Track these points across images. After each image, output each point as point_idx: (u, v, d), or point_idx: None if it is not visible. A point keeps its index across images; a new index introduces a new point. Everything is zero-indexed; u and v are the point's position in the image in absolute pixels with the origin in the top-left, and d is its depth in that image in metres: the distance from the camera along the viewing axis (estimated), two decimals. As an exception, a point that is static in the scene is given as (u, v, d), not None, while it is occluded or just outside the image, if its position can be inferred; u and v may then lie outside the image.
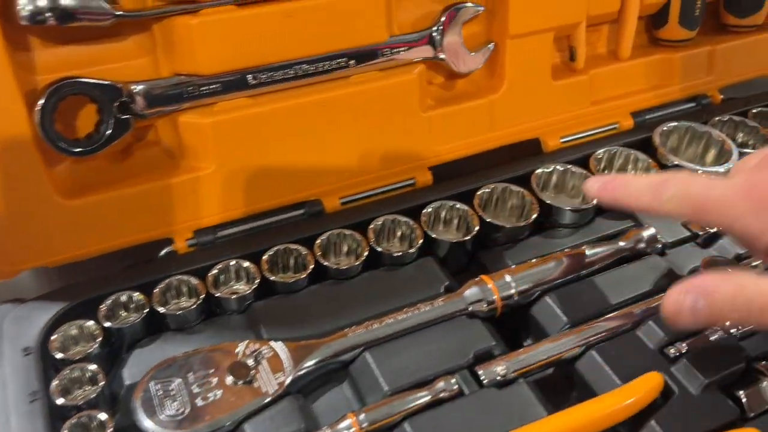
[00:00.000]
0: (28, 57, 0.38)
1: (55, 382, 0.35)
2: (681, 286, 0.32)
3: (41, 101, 0.38)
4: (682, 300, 0.31)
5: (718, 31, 0.61)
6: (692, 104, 0.59)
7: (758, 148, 0.55)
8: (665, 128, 0.55)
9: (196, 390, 0.36)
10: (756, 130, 0.56)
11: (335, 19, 0.43)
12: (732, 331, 0.41)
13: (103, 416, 0.34)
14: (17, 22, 0.36)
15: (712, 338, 0.40)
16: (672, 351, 0.40)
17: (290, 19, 0.42)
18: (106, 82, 0.39)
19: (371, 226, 0.45)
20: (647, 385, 0.38)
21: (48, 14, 0.36)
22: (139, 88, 0.40)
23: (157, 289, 0.40)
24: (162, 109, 0.41)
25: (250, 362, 0.37)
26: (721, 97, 0.61)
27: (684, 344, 0.40)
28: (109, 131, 0.40)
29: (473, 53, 0.50)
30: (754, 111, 0.58)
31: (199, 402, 0.35)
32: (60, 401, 0.35)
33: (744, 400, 0.38)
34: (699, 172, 0.51)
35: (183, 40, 0.40)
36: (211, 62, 0.41)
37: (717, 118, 0.56)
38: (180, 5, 0.40)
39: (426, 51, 0.48)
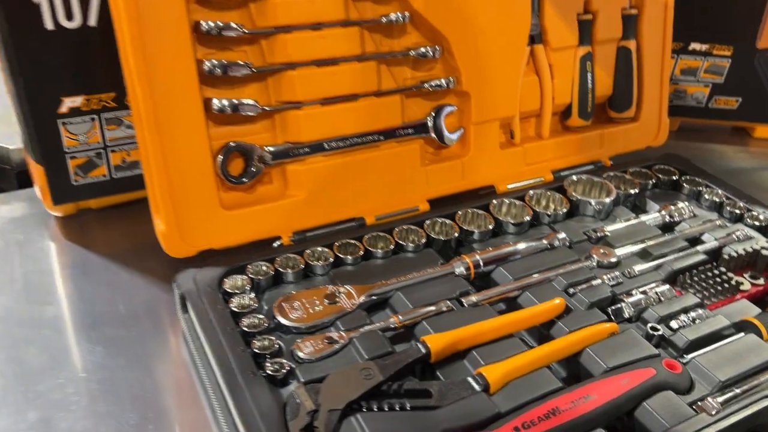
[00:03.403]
0: (214, 130, 0.70)
1: (232, 302, 0.64)
2: None
3: (220, 155, 0.69)
4: None
5: (606, 121, 0.96)
6: (591, 166, 0.93)
7: (629, 192, 0.87)
8: (572, 179, 0.87)
9: (307, 306, 0.65)
10: (630, 181, 0.89)
11: (372, 114, 0.76)
12: (606, 281, 0.71)
13: (261, 318, 0.63)
14: (211, 111, 0.68)
15: (594, 283, 0.71)
16: (571, 290, 0.70)
17: (349, 112, 0.75)
18: (251, 145, 0.71)
19: (395, 230, 0.76)
20: (555, 304, 0.67)
21: (227, 108, 0.69)
22: (268, 149, 0.72)
23: (277, 260, 0.70)
24: (278, 162, 0.73)
25: (335, 294, 0.66)
26: (611, 162, 0.94)
27: (579, 287, 0.70)
28: (251, 171, 0.71)
29: (452, 133, 0.83)
30: (630, 170, 0.92)
31: (311, 311, 0.64)
32: (237, 309, 0.63)
33: (611, 313, 0.68)
34: (592, 202, 0.83)
35: (292, 124, 0.73)
36: (306, 136, 0.73)
37: (605, 173, 0.89)
38: (291, 103, 0.72)
39: (423, 131, 0.82)
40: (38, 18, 0.68)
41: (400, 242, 0.75)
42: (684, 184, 0.89)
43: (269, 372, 0.57)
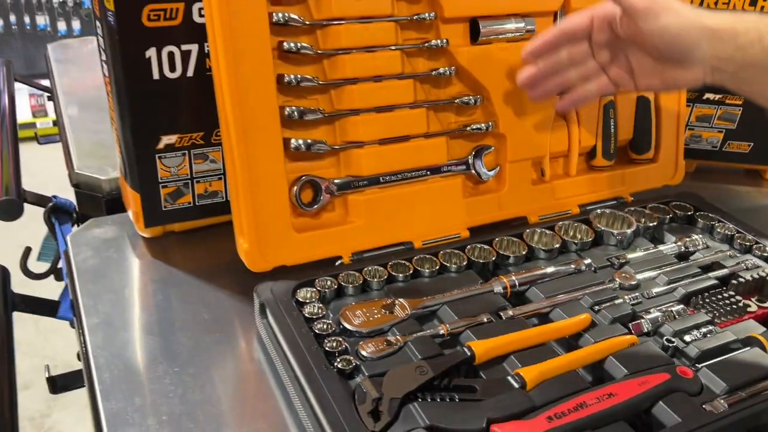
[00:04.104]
0: (290, 165, 0.82)
1: (304, 310, 0.75)
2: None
3: (295, 186, 0.81)
4: None
5: (627, 161, 1.07)
6: (614, 201, 1.03)
7: (648, 225, 0.97)
8: (597, 212, 0.98)
9: (368, 314, 0.75)
10: (649, 215, 0.99)
11: (421, 153, 0.89)
12: (627, 301, 0.81)
13: (329, 323, 0.74)
14: (289, 149, 0.81)
15: (616, 302, 0.80)
16: (596, 308, 0.80)
17: (402, 151, 0.87)
18: (321, 178, 0.83)
19: (440, 253, 0.87)
20: (582, 319, 0.77)
21: (302, 146, 0.81)
22: (333, 182, 0.84)
23: (340, 276, 0.81)
24: (341, 192, 0.85)
25: (391, 306, 0.77)
26: (631, 198, 1.05)
27: (603, 305, 0.80)
28: (320, 199, 0.83)
29: (490, 170, 0.95)
30: (649, 206, 1.02)
31: (370, 318, 0.75)
32: (308, 315, 0.74)
33: (631, 327, 0.77)
34: (614, 232, 0.93)
35: (354, 160, 0.85)
36: (366, 171, 0.85)
37: (626, 208, 1.00)
38: (354, 143, 0.85)
39: (464, 168, 0.93)
40: (148, 69, 0.82)
41: (444, 264, 0.86)
42: (698, 219, 0.99)
43: (339, 367, 0.68)
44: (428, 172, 0.90)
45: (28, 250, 1.10)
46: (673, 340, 0.75)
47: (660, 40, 0.72)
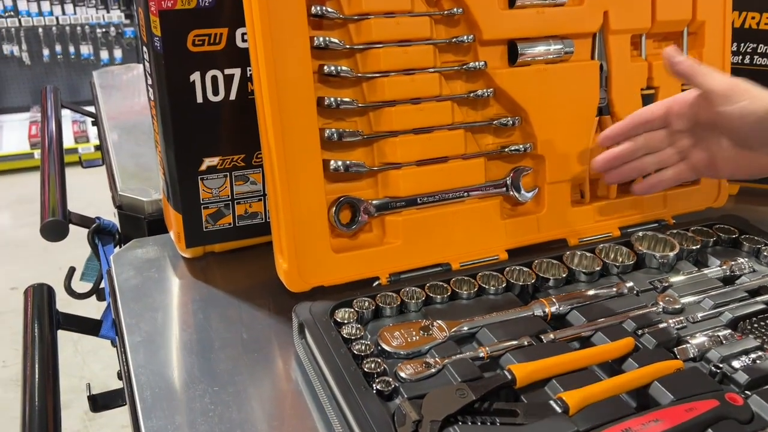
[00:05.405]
0: (329, 186, 0.83)
1: (342, 330, 0.75)
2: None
3: (333, 207, 0.82)
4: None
5: (668, 184, 1.05)
6: (656, 224, 1.02)
7: (692, 248, 0.95)
8: (638, 235, 0.96)
9: (406, 336, 0.75)
10: (692, 238, 0.97)
11: (459, 174, 0.89)
12: (672, 325, 0.79)
13: (367, 343, 0.73)
14: (328, 170, 0.82)
15: (660, 326, 0.79)
16: (639, 332, 0.78)
17: (440, 172, 0.87)
18: (359, 199, 0.84)
19: (478, 275, 0.86)
20: (625, 343, 0.75)
21: (341, 168, 0.82)
22: (371, 202, 0.85)
23: (378, 297, 0.81)
24: (379, 213, 0.86)
25: (429, 327, 0.77)
26: (673, 221, 1.03)
27: (647, 329, 0.78)
28: (358, 219, 0.84)
29: (528, 192, 0.94)
30: (692, 228, 1.00)
31: (409, 340, 0.74)
32: (347, 336, 0.74)
33: (676, 352, 0.75)
34: (657, 255, 0.91)
35: (392, 182, 0.85)
36: (403, 191, 0.86)
37: (669, 231, 0.98)
38: (392, 164, 0.85)
39: (502, 189, 0.93)
40: (192, 93, 0.84)
41: (483, 286, 0.85)
42: (744, 242, 0.96)
43: (378, 388, 0.68)
44: (466, 193, 0.90)
45: (72, 270, 1.12)
46: (721, 365, 0.72)
47: (740, 123, 0.72)
